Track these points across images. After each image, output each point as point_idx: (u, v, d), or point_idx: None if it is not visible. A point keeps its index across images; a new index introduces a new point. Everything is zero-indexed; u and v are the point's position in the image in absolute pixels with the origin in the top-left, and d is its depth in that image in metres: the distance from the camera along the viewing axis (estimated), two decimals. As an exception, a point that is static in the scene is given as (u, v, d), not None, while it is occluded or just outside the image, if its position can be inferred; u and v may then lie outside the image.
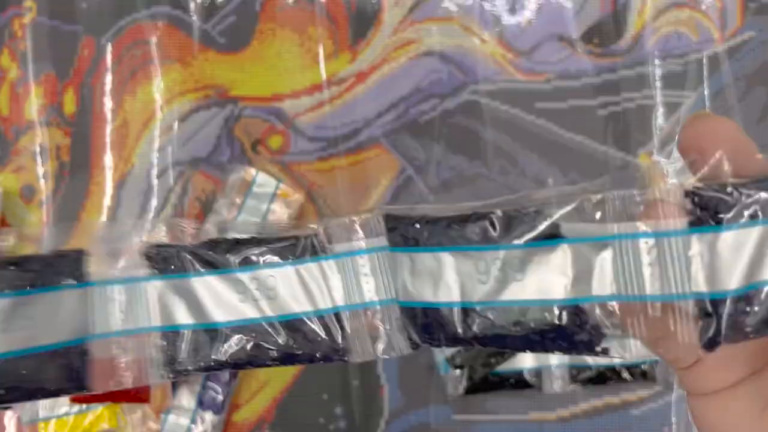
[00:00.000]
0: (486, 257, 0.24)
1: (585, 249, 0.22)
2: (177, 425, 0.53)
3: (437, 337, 0.25)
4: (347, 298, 0.25)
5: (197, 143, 0.58)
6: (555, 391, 0.54)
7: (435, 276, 0.24)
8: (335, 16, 0.59)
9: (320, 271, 0.25)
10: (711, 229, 0.21)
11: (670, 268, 0.21)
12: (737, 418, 0.24)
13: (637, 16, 0.58)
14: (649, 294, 0.22)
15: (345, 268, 0.25)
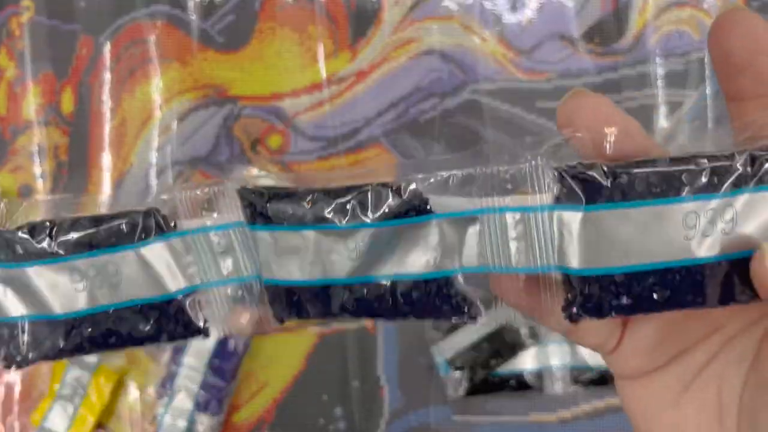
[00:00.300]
0: (355, 235, 0.23)
1: (453, 223, 0.23)
2: (174, 427, 0.53)
3: (303, 312, 0.24)
4: (202, 277, 0.24)
5: (196, 143, 0.58)
6: (556, 392, 0.54)
7: (301, 254, 0.23)
8: (335, 15, 0.58)
9: (169, 250, 0.24)
10: (576, 207, 0.21)
11: (535, 242, 0.22)
12: (656, 401, 0.24)
13: (638, 15, 0.57)
14: (514, 266, 0.22)
15: (197, 245, 0.24)
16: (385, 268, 0.23)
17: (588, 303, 0.22)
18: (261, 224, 0.23)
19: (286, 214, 0.23)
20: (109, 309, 0.24)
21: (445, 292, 0.23)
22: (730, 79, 0.22)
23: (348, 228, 0.23)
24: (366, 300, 0.23)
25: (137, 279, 0.24)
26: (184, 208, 0.24)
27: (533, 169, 0.22)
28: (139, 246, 0.24)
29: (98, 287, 0.24)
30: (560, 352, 0.54)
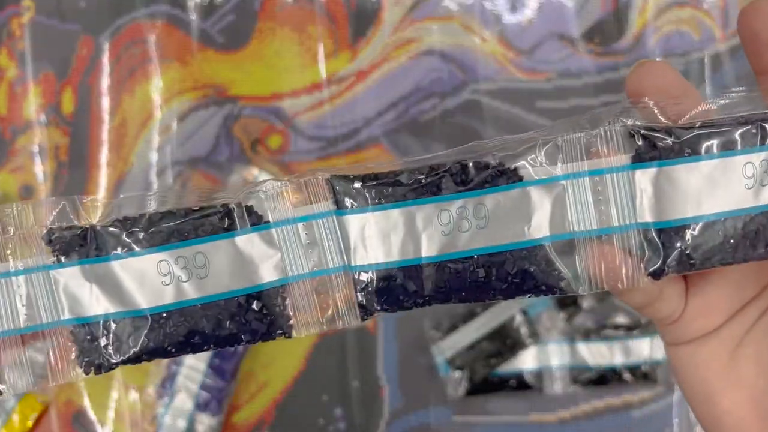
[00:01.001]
0: (449, 207, 0.24)
1: (542, 191, 0.23)
2: (174, 427, 0.53)
3: (393, 299, 0.24)
4: (290, 269, 0.24)
5: (196, 143, 0.58)
6: (556, 392, 0.54)
7: (393, 234, 0.24)
8: (335, 15, 0.58)
9: (258, 241, 0.24)
10: (653, 164, 0.23)
11: (615, 202, 0.23)
12: (713, 361, 0.26)
13: (638, 15, 0.57)
14: (596, 228, 0.23)
15: (286, 237, 0.24)
16: (478, 241, 0.24)
17: (669, 257, 0.23)
18: (353, 208, 0.24)
19: (381, 194, 0.24)
20: (196, 303, 0.24)
21: (536, 263, 0.24)
22: (758, 56, 0.25)
23: (441, 199, 0.24)
24: (460, 278, 0.24)
25: (227, 270, 0.24)
26: (271, 200, 0.24)
27: (608, 131, 0.23)
28: (230, 236, 0.23)
29: (185, 280, 0.23)
30: (560, 352, 0.54)
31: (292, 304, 0.24)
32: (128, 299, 0.23)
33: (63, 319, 0.24)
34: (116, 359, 0.24)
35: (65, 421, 0.56)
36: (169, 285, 0.23)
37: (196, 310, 0.24)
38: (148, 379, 0.56)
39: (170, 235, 0.23)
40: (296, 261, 0.24)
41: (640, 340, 0.54)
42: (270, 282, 0.24)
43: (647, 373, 0.53)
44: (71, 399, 0.56)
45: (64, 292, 0.24)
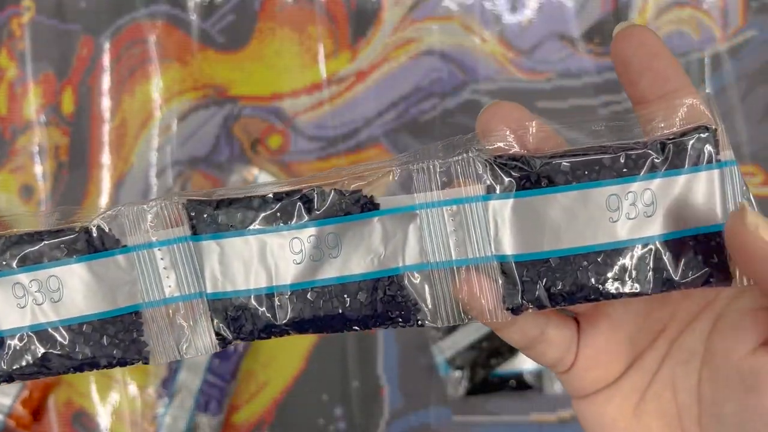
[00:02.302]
0: (300, 236, 0.23)
1: (395, 220, 0.23)
2: (174, 427, 0.53)
3: (249, 329, 0.23)
4: (146, 295, 0.23)
5: (196, 143, 0.58)
6: (556, 392, 0.54)
7: (246, 262, 0.23)
8: (335, 15, 0.58)
9: (114, 265, 0.23)
10: (510, 195, 0.22)
11: (472, 233, 0.23)
12: (616, 415, 0.25)
13: (638, 15, 0.57)
14: (453, 259, 0.23)
15: (141, 261, 0.23)
16: (331, 270, 0.23)
17: (527, 291, 0.22)
18: (208, 233, 0.23)
19: (234, 220, 0.23)
20: (50, 327, 0.23)
21: (390, 293, 0.23)
22: (633, 85, 0.23)
23: (292, 228, 0.23)
24: (314, 308, 0.23)
25: (81, 294, 0.23)
26: (129, 224, 0.23)
27: (465, 161, 0.23)
28: (85, 259, 0.23)
29: (39, 303, 0.23)
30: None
31: (148, 330, 0.23)
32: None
33: None
34: None
35: (65, 421, 0.56)
36: (25, 308, 0.23)
37: (52, 333, 0.23)
38: (149, 379, 0.56)
39: (25, 258, 0.23)
40: (152, 286, 0.23)
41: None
42: (125, 307, 0.23)
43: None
44: (71, 399, 0.56)
45: None
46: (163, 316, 0.24)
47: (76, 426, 0.56)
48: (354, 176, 0.23)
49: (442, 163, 0.23)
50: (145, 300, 0.23)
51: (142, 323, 0.24)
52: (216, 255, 0.23)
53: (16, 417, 0.54)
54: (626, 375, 0.25)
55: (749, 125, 0.56)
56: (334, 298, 0.23)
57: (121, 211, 0.23)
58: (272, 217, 0.23)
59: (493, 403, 0.54)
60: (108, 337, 0.23)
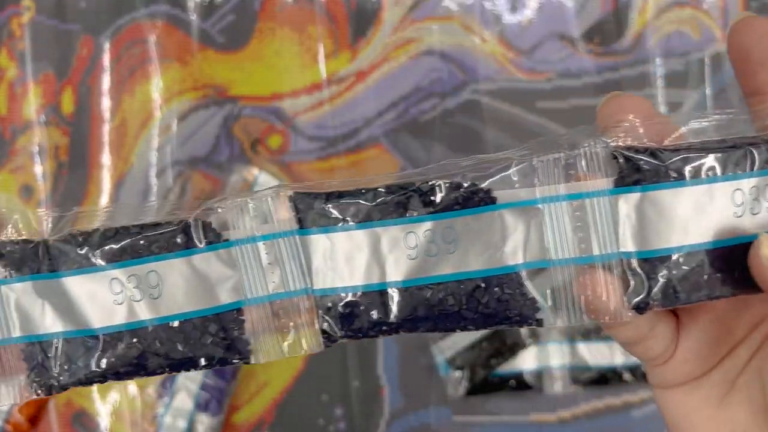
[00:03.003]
0: (416, 230, 0.22)
1: (516, 214, 0.22)
2: (174, 427, 0.53)
3: (358, 326, 0.23)
4: (249, 291, 0.22)
5: (196, 143, 0.58)
6: (556, 392, 0.54)
7: (357, 256, 0.22)
8: (335, 15, 0.58)
9: (216, 260, 0.22)
10: (636, 189, 0.21)
11: (596, 228, 0.22)
12: (703, 405, 0.24)
13: (638, 15, 0.57)
14: (575, 257, 0.22)
15: (244, 256, 0.22)
16: (447, 266, 0.22)
17: (653, 288, 0.22)
18: (318, 227, 0.22)
19: (346, 213, 0.22)
20: (149, 325, 0.22)
21: (509, 291, 0.22)
22: (749, 76, 0.23)
23: (407, 222, 0.22)
24: (427, 305, 0.22)
25: (182, 290, 0.22)
26: (231, 217, 0.22)
27: (590, 154, 0.22)
28: (186, 254, 0.22)
29: (138, 300, 0.22)
30: (560, 351, 0.54)
31: (251, 328, 0.23)
32: (80, 318, 0.22)
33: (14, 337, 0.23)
34: (67, 380, 0.23)
35: (65, 421, 0.56)
36: (122, 304, 0.22)
37: (149, 331, 0.22)
38: (149, 379, 0.56)
39: (123, 252, 0.22)
40: (256, 282, 0.22)
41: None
42: (227, 304, 0.22)
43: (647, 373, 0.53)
44: (71, 399, 0.56)
45: (16, 309, 0.23)
46: (267, 314, 0.23)
47: (76, 426, 0.56)
48: (471, 169, 0.22)
49: (566, 156, 0.22)
50: (247, 296, 0.22)
51: (244, 321, 0.23)
52: (325, 249, 0.22)
53: (13, 423, 0.54)
54: (719, 366, 0.24)
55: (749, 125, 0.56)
56: (449, 296, 0.22)
57: (223, 205, 0.22)
58: (386, 210, 0.22)
59: (493, 403, 0.54)
60: (209, 335, 0.23)
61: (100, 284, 0.22)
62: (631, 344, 0.24)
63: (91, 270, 0.22)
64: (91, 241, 0.22)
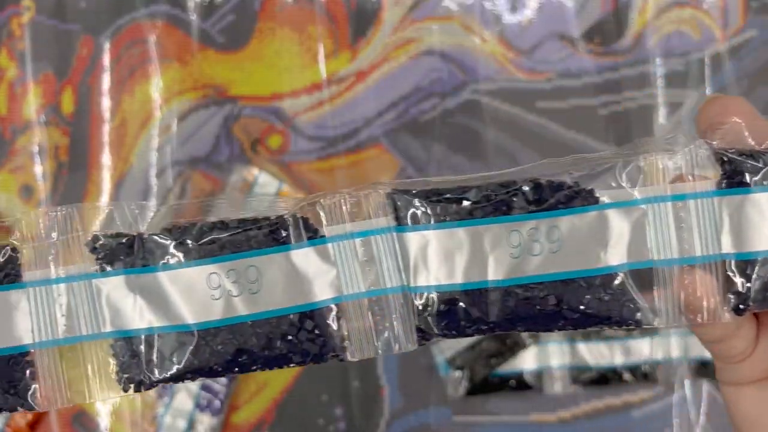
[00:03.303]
0: (519, 228, 0.22)
1: (619, 215, 0.22)
2: (174, 427, 0.53)
3: (455, 325, 0.22)
4: (346, 287, 0.22)
5: (196, 143, 0.58)
6: (556, 392, 0.54)
7: (457, 254, 0.22)
8: (335, 15, 0.58)
9: (313, 256, 0.22)
10: (739, 191, 0.22)
11: (699, 230, 0.22)
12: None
13: (638, 15, 0.57)
14: (677, 257, 0.22)
15: (342, 253, 0.22)
16: (550, 266, 0.22)
17: (753, 290, 0.22)
18: (417, 224, 0.22)
19: (447, 211, 0.22)
20: (246, 321, 0.22)
21: (610, 291, 0.22)
22: None
23: (511, 220, 0.22)
24: (528, 305, 0.22)
25: (280, 286, 0.22)
26: (327, 214, 0.22)
27: (695, 155, 0.22)
28: (285, 249, 0.22)
29: (236, 295, 0.22)
30: (560, 351, 0.54)
31: (346, 325, 0.22)
32: (174, 313, 0.22)
33: (104, 332, 0.22)
34: (158, 377, 0.22)
35: (65, 421, 0.56)
36: (219, 299, 0.22)
37: (246, 327, 0.22)
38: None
39: (222, 247, 0.22)
40: (352, 279, 0.22)
41: (640, 340, 0.54)
42: (324, 300, 0.22)
43: (647, 373, 0.53)
44: (71, 399, 0.56)
45: (107, 303, 0.22)
46: (363, 311, 0.22)
47: (76, 426, 0.56)
48: (574, 168, 0.22)
49: (669, 156, 0.22)
50: (343, 293, 0.22)
51: (340, 318, 0.22)
52: (422, 247, 0.22)
53: (14, 427, 0.54)
54: None
55: (749, 125, 0.56)
56: (551, 295, 0.22)
57: (322, 201, 0.22)
58: (489, 208, 0.22)
59: (493, 403, 0.54)
60: (305, 331, 0.22)
61: (198, 279, 0.22)
62: (715, 342, 0.24)
63: (189, 264, 0.22)
64: (189, 236, 0.22)
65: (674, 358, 0.53)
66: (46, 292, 0.22)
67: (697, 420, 0.54)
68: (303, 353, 0.22)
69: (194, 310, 0.22)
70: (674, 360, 0.53)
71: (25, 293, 0.22)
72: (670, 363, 0.53)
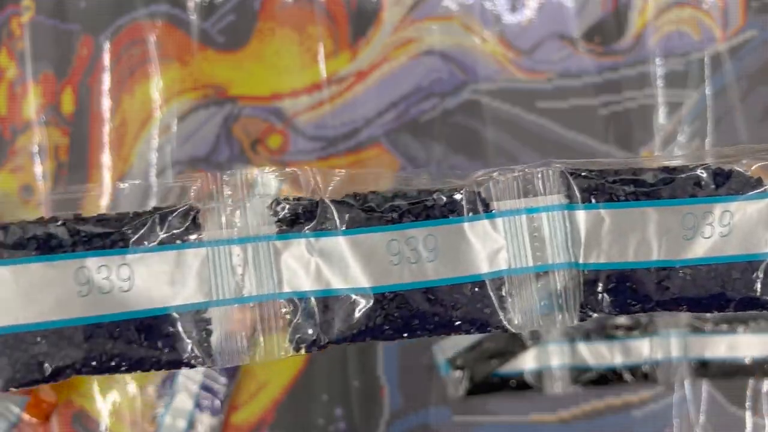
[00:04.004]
0: (694, 212, 0.23)
1: None
2: (174, 427, 0.53)
3: (622, 302, 0.23)
4: (513, 262, 0.23)
5: (196, 143, 0.58)
6: (556, 392, 0.54)
7: (632, 234, 0.23)
8: (335, 15, 0.58)
9: (484, 229, 0.23)
10: None
11: None
12: None
13: (638, 15, 0.57)
14: None
15: (511, 227, 0.23)
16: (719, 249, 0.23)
17: None
18: (594, 203, 0.23)
19: (621, 191, 0.23)
20: (422, 287, 0.23)
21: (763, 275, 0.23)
22: None
23: (689, 203, 0.23)
24: (694, 286, 0.23)
25: (454, 255, 0.23)
26: (501, 190, 0.23)
27: None
28: (459, 221, 0.23)
29: (413, 262, 0.23)
30: (560, 352, 0.54)
31: (511, 297, 0.23)
32: (353, 277, 0.23)
33: (281, 292, 0.23)
34: (330, 338, 0.23)
35: (65, 421, 0.56)
36: (397, 265, 0.23)
37: (419, 294, 0.23)
38: (148, 379, 0.56)
39: (402, 215, 0.23)
40: (520, 253, 0.23)
41: (640, 341, 0.54)
42: (492, 272, 0.23)
43: (647, 373, 0.53)
44: (71, 399, 0.56)
45: (285, 265, 0.23)
46: (528, 285, 0.23)
47: (76, 426, 0.56)
48: (738, 156, 0.23)
49: None
50: (511, 266, 0.23)
51: (507, 290, 0.23)
52: (595, 225, 0.23)
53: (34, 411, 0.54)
54: None
55: (749, 125, 0.56)
56: (717, 278, 0.23)
57: (492, 177, 0.23)
58: (666, 191, 0.23)
59: (493, 403, 0.54)
60: (474, 301, 0.23)
61: (378, 245, 0.23)
62: None
63: (370, 230, 0.23)
64: (370, 203, 0.23)
65: (674, 358, 0.53)
66: (226, 253, 0.23)
67: (697, 420, 0.54)
68: (472, 322, 0.23)
69: (373, 274, 0.23)
70: (674, 360, 0.53)
71: (206, 252, 0.23)
72: (670, 363, 0.53)
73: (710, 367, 0.53)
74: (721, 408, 0.54)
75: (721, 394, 0.54)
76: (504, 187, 0.23)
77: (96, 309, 0.23)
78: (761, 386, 0.54)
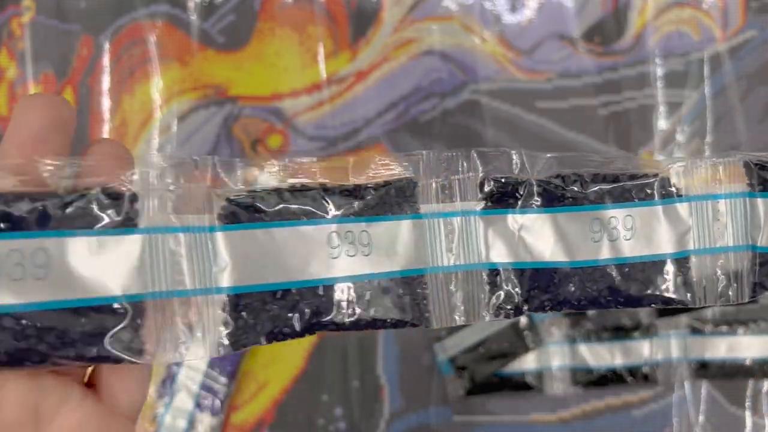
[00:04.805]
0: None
1: None
2: (174, 427, 0.53)
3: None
4: (696, 243, 0.25)
5: (196, 143, 0.58)
6: (556, 392, 0.54)
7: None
8: (335, 15, 0.58)
9: (677, 214, 0.25)
10: None
11: None
12: None
13: (638, 15, 0.57)
14: None
15: (698, 212, 0.25)
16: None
17: None
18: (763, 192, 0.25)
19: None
20: (611, 263, 0.25)
21: None
22: None
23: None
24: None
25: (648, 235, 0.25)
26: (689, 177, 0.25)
27: None
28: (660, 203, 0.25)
29: (612, 239, 0.25)
30: (561, 353, 0.54)
31: (694, 276, 0.25)
32: (554, 252, 0.25)
33: (482, 262, 0.25)
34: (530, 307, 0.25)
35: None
36: (598, 243, 0.25)
37: (617, 268, 0.25)
38: (148, 379, 0.56)
39: (603, 197, 0.25)
40: (704, 236, 0.25)
41: (640, 342, 0.54)
42: (679, 252, 0.25)
43: (647, 374, 0.53)
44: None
45: (491, 237, 0.25)
46: (710, 266, 0.25)
47: (75, 426, 0.56)
48: None
49: None
50: (694, 248, 0.25)
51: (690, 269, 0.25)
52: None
53: None
54: None
55: (749, 125, 0.56)
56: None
57: (676, 164, 0.25)
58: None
59: (493, 403, 0.54)
60: (664, 279, 0.25)
61: (583, 223, 0.25)
62: None
63: (577, 209, 0.25)
64: (574, 184, 0.25)
65: (674, 358, 0.53)
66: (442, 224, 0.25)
67: (697, 420, 0.54)
68: (658, 297, 0.25)
69: (576, 250, 0.25)
70: (674, 360, 0.53)
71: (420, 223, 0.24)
72: (670, 364, 0.53)
73: (710, 367, 0.53)
74: (721, 408, 0.54)
75: (720, 394, 0.54)
76: (692, 175, 0.25)
77: None
78: (761, 386, 0.54)
